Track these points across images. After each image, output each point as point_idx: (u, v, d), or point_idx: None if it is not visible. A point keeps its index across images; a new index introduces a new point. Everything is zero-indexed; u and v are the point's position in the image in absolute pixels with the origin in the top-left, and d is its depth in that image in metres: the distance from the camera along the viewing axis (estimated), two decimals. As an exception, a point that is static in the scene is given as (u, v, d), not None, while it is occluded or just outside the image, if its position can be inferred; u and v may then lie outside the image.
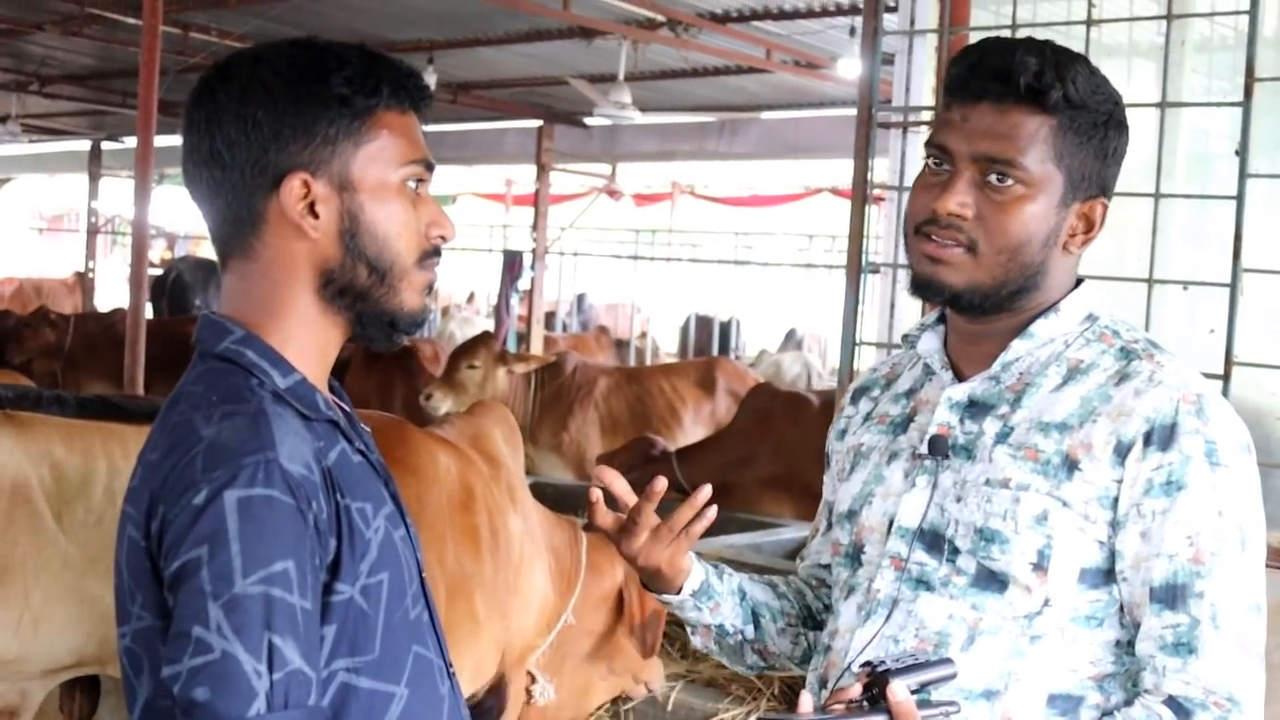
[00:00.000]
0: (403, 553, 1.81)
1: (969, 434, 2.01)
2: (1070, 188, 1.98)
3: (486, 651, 3.84)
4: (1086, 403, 1.95)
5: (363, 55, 1.81)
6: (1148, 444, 1.89)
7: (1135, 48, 5.00)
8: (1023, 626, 1.94)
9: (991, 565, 1.94)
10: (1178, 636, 1.86)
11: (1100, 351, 1.99)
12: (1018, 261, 1.97)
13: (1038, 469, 1.93)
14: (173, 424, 1.71)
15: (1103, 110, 1.97)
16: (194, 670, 1.55)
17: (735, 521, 8.07)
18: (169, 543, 1.61)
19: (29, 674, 3.91)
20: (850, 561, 2.12)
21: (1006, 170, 1.95)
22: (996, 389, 2.03)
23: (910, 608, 2.00)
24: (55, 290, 21.58)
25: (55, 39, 12.42)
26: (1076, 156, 1.97)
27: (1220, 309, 4.19)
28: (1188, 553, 1.87)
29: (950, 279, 1.99)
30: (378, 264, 1.78)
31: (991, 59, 1.98)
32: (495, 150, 17.17)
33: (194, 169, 1.80)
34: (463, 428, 4.22)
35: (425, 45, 11.74)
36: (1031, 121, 1.95)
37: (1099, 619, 1.94)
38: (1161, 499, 1.88)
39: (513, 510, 4.09)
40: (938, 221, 1.97)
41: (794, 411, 8.70)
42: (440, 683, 1.85)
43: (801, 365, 16.25)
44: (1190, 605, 1.86)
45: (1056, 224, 1.98)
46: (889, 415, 2.16)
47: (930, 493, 2.02)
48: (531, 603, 4.13)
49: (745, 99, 13.63)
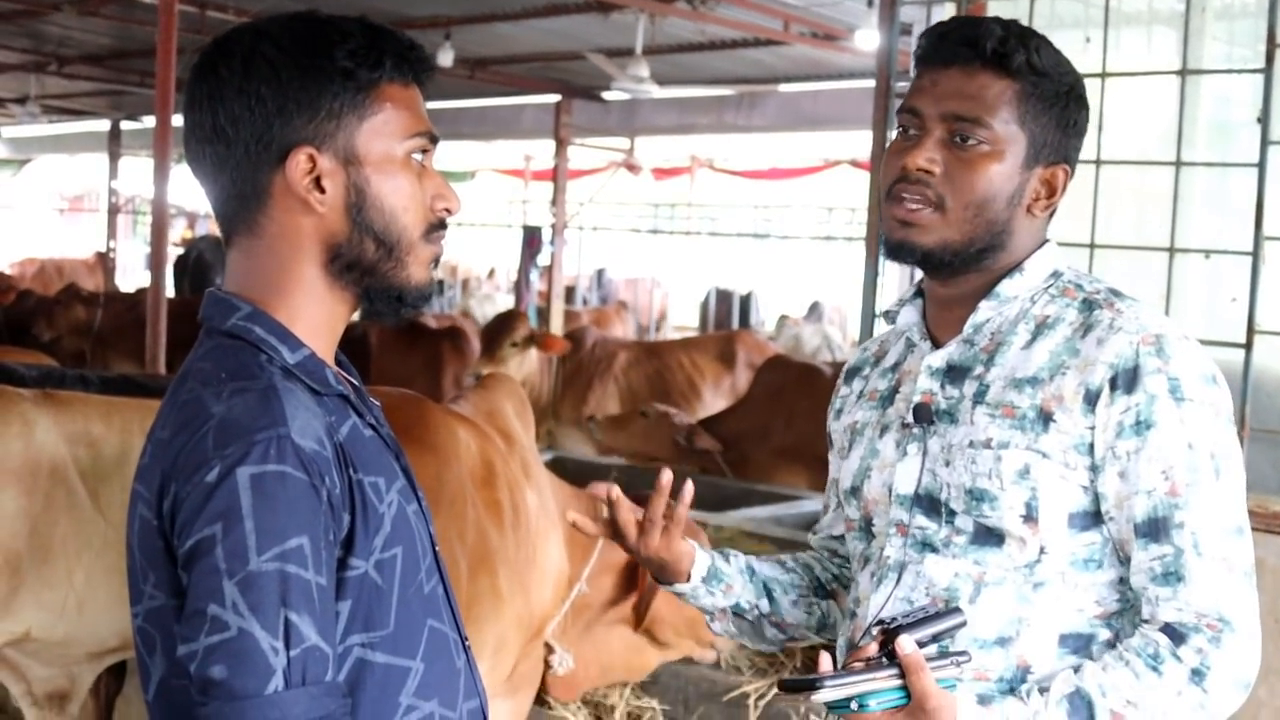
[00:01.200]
0: (416, 527, 1.81)
1: (950, 399, 2.10)
2: (1033, 151, 2.08)
3: (509, 626, 3.85)
4: (1055, 356, 2.03)
5: (365, 28, 1.79)
6: (1114, 389, 1.97)
7: (1155, 15, 4.96)
8: (1025, 575, 2.02)
9: (986, 522, 2.03)
10: (1165, 566, 1.95)
11: (1065, 305, 2.08)
12: (984, 218, 2.06)
13: (1015, 425, 2.01)
14: (182, 401, 1.70)
15: (1065, 81, 2.09)
16: (210, 648, 1.55)
17: (756, 494, 8.08)
18: (182, 521, 1.61)
19: (76, 656, 3.93)
20: (864, 534, 2.21)
21: (973, 128, 2.05)
22: (972, 351, 2.11)
23: (918, 569, 2.09)
24: (77, 270, 21.63)
25: (73, 19, 12.41)
26: (1039, 121, 2.07)
27: (1242, 277, 4.16)
28: (1164, 486, 1.95)
29: (921, 239, 2.07)
30: (385, 238, 1.78)
31: (960, 29, 2.11)
32: (513, 126, 17.13)
33: (197, 146, 1.79)
34: (477, 403, 4.23)
35: (442, 21, 11.70)
36: (997, 84, 2.06)
37: (1096, 560, 2.03)
38: (1133, 439, 1.96)
39: (527, 485, 4.10)
40: (907, 178, 2.07)
41: (808, 383, 8.72)
42: (456, 656, 1.85)
43: (821, 338, 16.23)
44: (1173, 536, 1.94)
45: (1020, 184, 2.08)
46: (878, 390, 2.25)
47: (921, 459, 2.10)
48: (548, 575, 4.14)
49: (763, 72, 13.56)
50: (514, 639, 3.90)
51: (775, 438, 8.74)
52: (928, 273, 2.16)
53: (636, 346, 11.88)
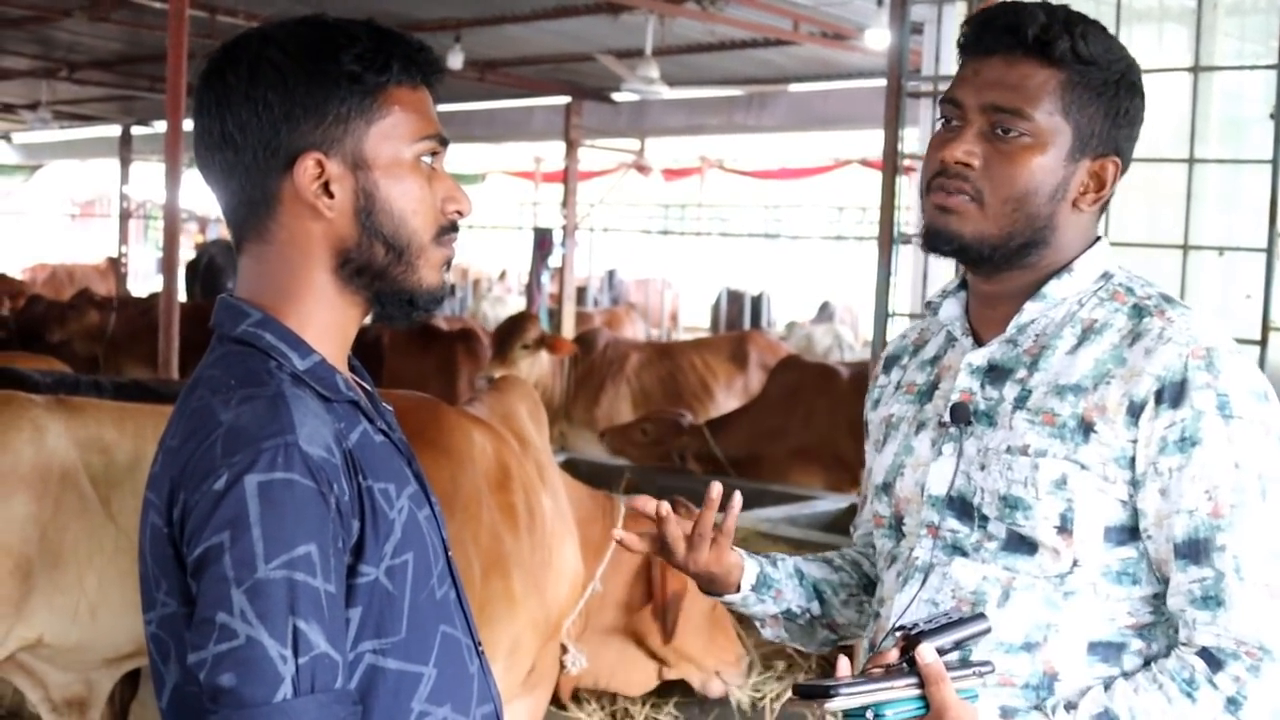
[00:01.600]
0: (427, 532, 1.80)
1: (989, 400, 2.03)
2: (1079, 143, 2.00)
3: (523, 628, 3.84)
4: (1100, 364, 1.96)
5: (372, 31, 1.78)
6: (1159, 402, 1.89)
7: (1167, 12, 4.94)
8: (1055, 584, 1.96)
9: (1019, 530, 1.96)
10: (1204, 590, 1.88)
11: (1113, 310, 2.00)
12: (1024, 212, 1.99)
13: (1055, 433, 1.95)
14: (192, 409, 1.70)
15: (1115, 69, 1.99)
16: (219, 656, 1.55)
17: (770, 494, 8.08)
18: (191, 529, 1.60)
19: (92, 663, 3.92)
20: (893, 533, 2.15)
21: (1014, 120, 1.98)
22: (1015, 352, 2.04)
23: (945, 570, 2.03)
24: (88, 275, 21.68)
25: (83, 25, 12.44)
26: (1085, 112, 1.99)
27: (1256, 274, 4.14)
28: (1206, 507, 1.88)
29: (958, 227, 2.01)
30: (394, 242, 1.76)
31: (1003, 15, 2.01)
32: (523, 128, 17.14)
33: (206, 153, 1.78)
34: (492, 406, 4.23)
35: (452, 24, 11.72)
36: (1040, 73, 1.98)
37: (1131, 574, 1.96)
38: (1177, 455, 1.89)
39: (542, 487, 4.10)
40: (946, 171, 2.00)
41: (823, 383, 8.72)
42: (469, 661, 1.84)
43: (833, 337, 16.23)
44: (1214, 558, 1.87)
45: (1064, 178, 2.00)
46: (916, 384, 2.17)
47: (956, 460, 2.04)
48: (564, 576, 4.14)
49: (773, 72, 13.56)
50: (529, 641, 3.90)
51: (791, 438, 8.75)
52: (968, 267, 2.09)
53: (649, 348, 11.88)
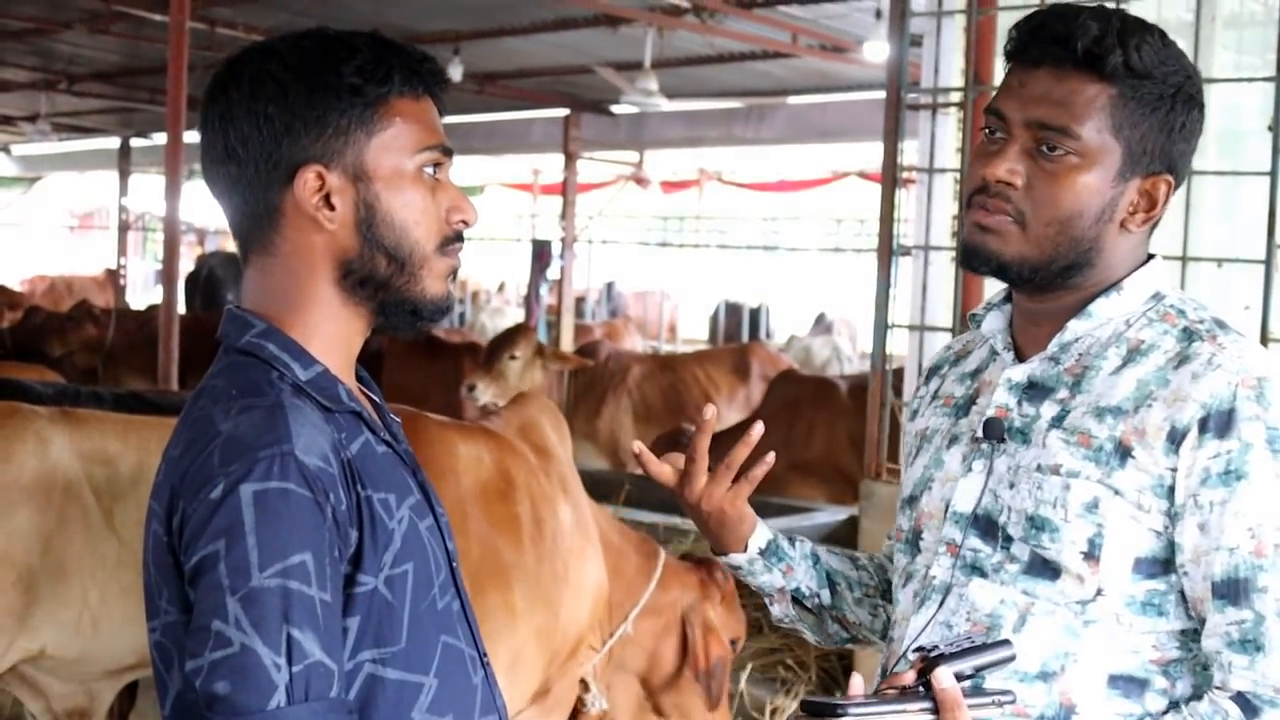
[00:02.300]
0: (429, 542, 1.80)
1: (1025, 417, 1.95)
2: (1130, 161, 1.90)
3: (526, 641, 3.82)
4: (1143, 386, 1.87)
5: (373, 43, 1.79)
6: (1204, 431, 1.80)
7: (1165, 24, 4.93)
8: (1076, 612, 1.89)
9: (1043, 553, 1.89)
10: (1243, 633, 1.79)
11: (1162, 332, 1.91)
12: (1068, 235, 1.90)
13: (1090, 455, 1.87)
14: (194, 418, 1.71)
15: (1171, 82, 1.88)
16: (214, 664, 1.56)
17: (770, 506, 8.07)
18: (188, 537, 1.61)
19: (94, 674, 3.92)
20: (910, 548, 2.08)
21: (1060, 138, 1.88)
22: (1055, 371, 1.96)
23: (963, 592, 1.96)
24: (87, 287, 21.65)
25: (83, 37, 12.47)
26: (1138, 129, 1.88)
27: (1255, 285, 4.16)
28: (1249, 545, 1.79)
29: (998, 247, 1.93)
30: (396, 252, 1.77)
31: (1053, 23, 1.90)
32: (522, 140, 17.16)
33: (211, 166, 1.80)
34: (509, 419, 4.23)
35: (451, 36, 11.74)
36: (1090, 88, 1.87)
37: (1157, 606, 1.88)
38: (1220, 489, 1.80)
39: (563, 500, 4.08)
40: (987, 189, 1.92)
41: (822, 396, 8.72)
42: (473, 672, 1.84)
43: (831, 349, 16.23)
44: (1254, 600, 1.78)
45: (1112, 199, 1.91)
46: (954, 396, 2.11)
47: (985, 478, 1.96)
48: (584, 592, 4.10)
49: (772, 84, 13.58)
50: (534, 654, 3.87)
51: (790, 452, 8.74)
52: (1007, 284, 2.01)
53: (651, 360, 11.89)
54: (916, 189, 5.30)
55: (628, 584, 4.43)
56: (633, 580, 4.44)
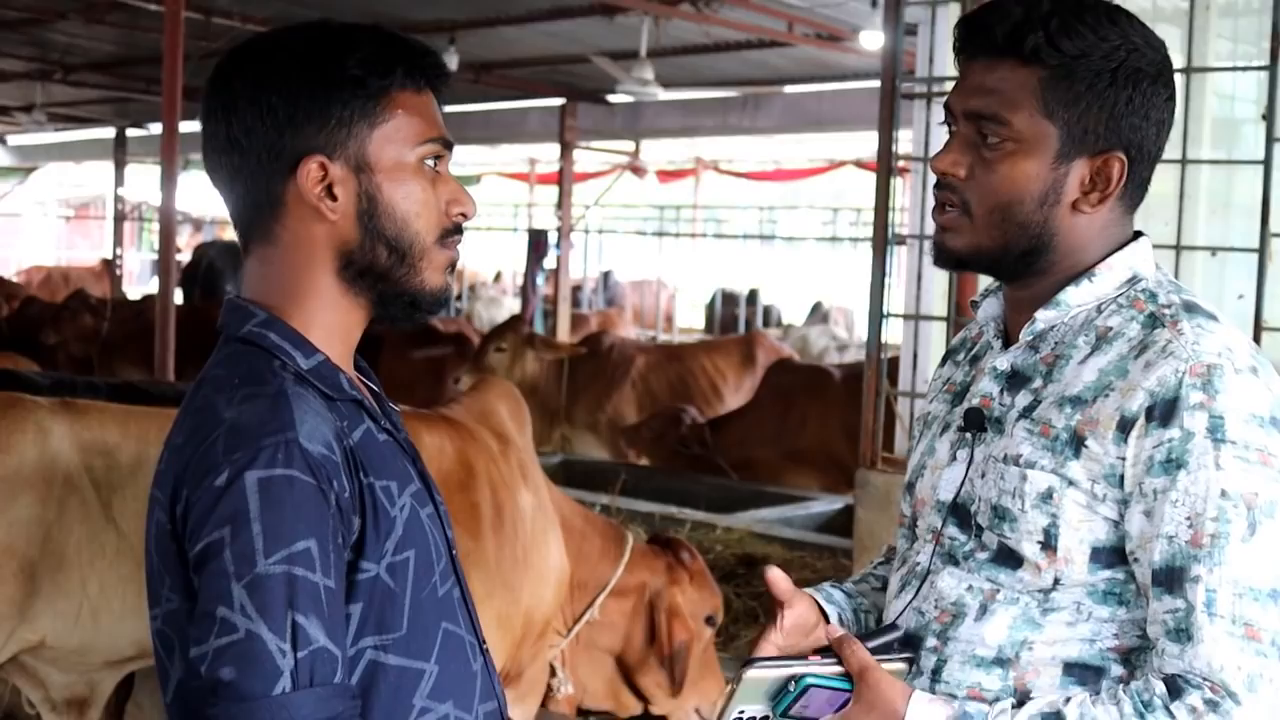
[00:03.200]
0: (430, 530, 1.81)
1: (1004, 406, 1.95)
2: (1070, 143, 1.88)
3: (487, 627, 3.85)
4: (1104, 376, 1.86)
5: (376, 36, 1.80)
6: (1150, 419, 1.79)
7: (1159, 13, 4.97)
8: (1038, 600, 1.89)
9: (1007, 542, 1.90)
10: (1176, 622, 1.78)
11: (1129, 318, 1.89)
12: (1013, 221, 1.91)
13: (1047, 445, 1.87)
14: (196, 407, 1.72)
15: (1111, 59, 1.85)
16: (219, 650, 1.57)
17: (766, 495, 8.10)
18: (192, 525, 1.63)
19: (94, 665, 3.93)
20: (909, 534, 2.10)
21: (993, 126, 1.89)
22: (1034, 360, 1.95)
23: (934, 580, 1.98)
24: (83, 277, 21.65)
25: (78, 26, 12.46)
26: (1074, 109, 1.87)
27: (1249, 274, 4.17)
28: (1186, 534, 1.77)
29: (954, 243, 1.95)
30: (397, 244, 1.78)
31: (981, 15, 1.92)
32: (519, 129, 17.17)
33: (213, 156, 1.81)
34: (469, 405, 4.23)
35: (447, 25, 11.73)
36: (1017, 74, 1.87)
37: (1118, 596, 1.88)
38: (1162, 477, 1.78)
39: (523, 486, 4.10)
40: (939, 183, 1.95)
41: (816, 385, 8.74)
42: (472, 659, 1.86)
43: (828, 339, 16.25)
44: (1186, 590, 1.77)
45: (1054, 181, 1.90)
46: (955, 383, 2.11)
47: (966, 467, 1.97)
48: (547, 576, 4.14)
49: (768, 73, 13.58)
50: (496, 640, 3.89)
51: (785, 440, 8.76)
52: (978, 274, 2.04)
53: (656, 351, 11.88)
54: (911, 178, 5.32)
55: (593, 567, 4.47)
56: (598, 564, 4.48)
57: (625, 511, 7.12)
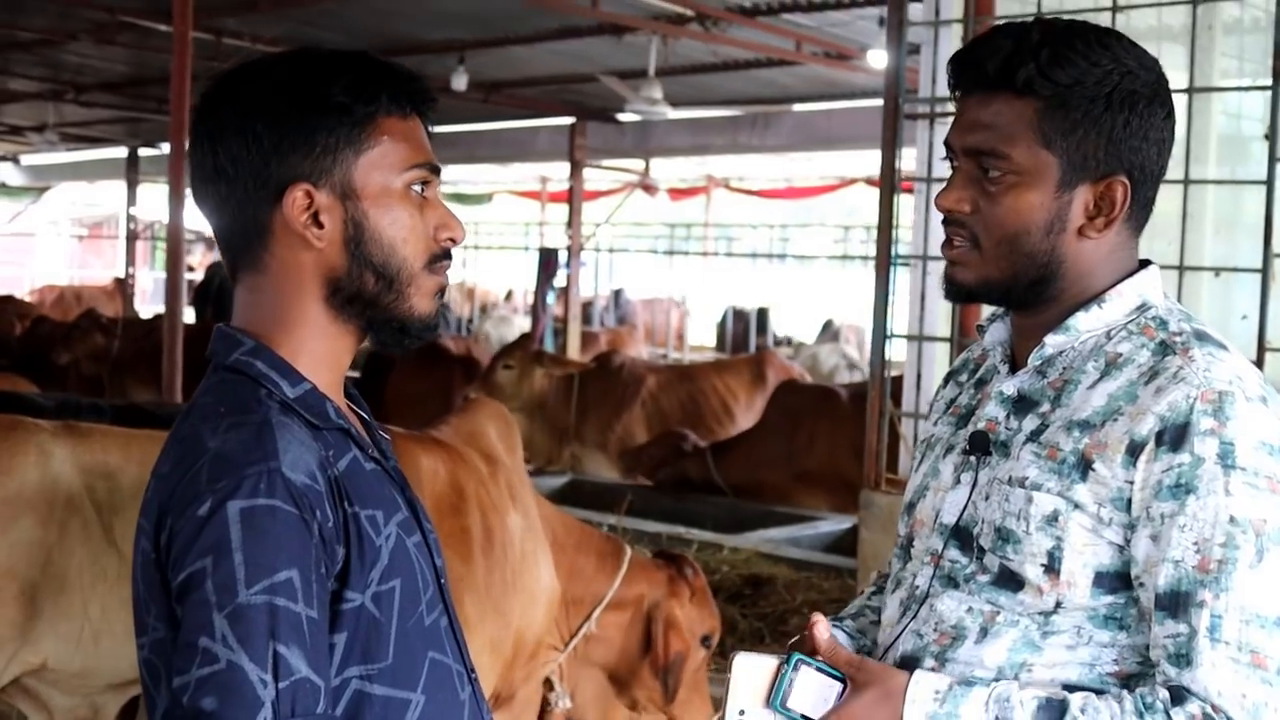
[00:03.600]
0: (417, 559, 1.80)
1: (1010, 430, 1.96)
2: (1071, 171, 1.89)
3: (479, 652, 3.83)
4: (1113, 400, 1.86)
5: (361, 62, 1.80)
6: (1159, 444, 1.80)
7: (1165, 31, 4.96)
8: (1038, 623, 1.89)
9: (1009, 565, 1.90)
10: (1177, 646, 1.78)
11: (1139, 345, 1.90)
12: (1020, 252, 1.92)
13: (1054, 468, 1.87)
14: (182, 436, 1.72)
15: (1104, 84, 1.85)
16: (201, 680, 1.56)
17: (775, 515, 8.09)
18: (175, 554, 1.62)
19: (96, 688, 3.93)
20: (903, 555, 2.10)
21: (994, 161, 1.90)
22: (1041, 384, 1.96)
23: (933, 603, 1.98)
24: (96, 297, 21.73)
25: (89, 47, 12.52)
26: (1072, 137, 1.87)
27: (1252, 295, 4.15)
28: (1193, 559, 1.77)
29: (963, 277, 1.97)
30: (384, 270, 1.78)
31: (973, 49, 1.94)
32: (529, 148, 17.20)
33: (200, 185, 1.81)
34: (458, 426, 4.23)
35: (456, 45, 11.76)
36: (1012, 107, 1.88)
37: (1119, 620, 1.88)
38: (1170, 502, 1.79)
39: (512, 508, 4.09)
40: (946, 219, 1.96)
41: (824, 405, 8.72)
42: (460, 688, 1.85)
43: (839, 357, 16.22)
44: (1190, 615, 1.77)
45: (1058, 210, 1.91)
46: (960, 406, 2.11)
47: (970, 490, 1.98)
48: (537, 596, 4.13)
49: (777, 91, 13.61)
50: (488, 665, 3.88)
51: (794, 462, 8.75)
52: (987, 305, 2.04)
53: (667, 370, 11.87)
54: (915, 198, 5.31)
55: (589, 582, 4.46)
56: (594, 578, 4.46)
57: (632, 532, 7.10)
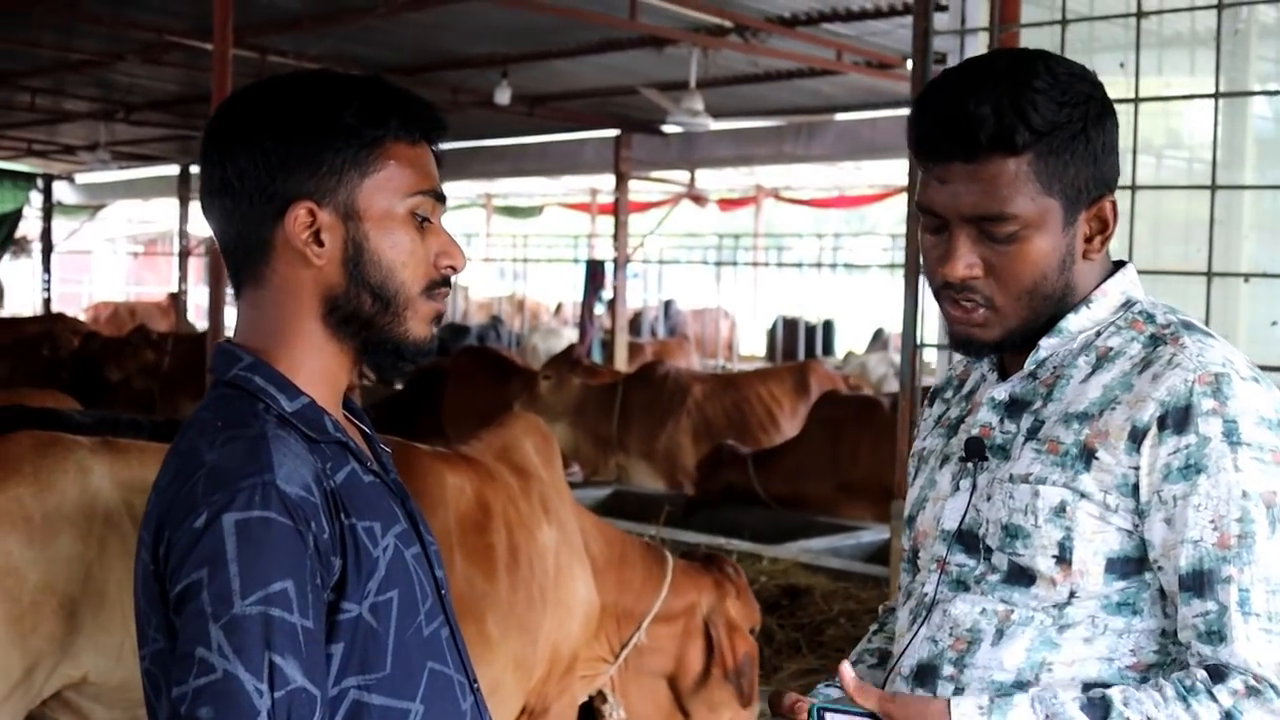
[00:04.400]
0: (416, 570, 1.83)
1: (1006, 434, 2.00)
2: (1070, 206, 1.94)
3: (503, 670, 3.83)
4: (1109, 391, 1.92)
5: (374, 87, 1.84)
6: (1163, 428, 1.84)
7: (1197, 36, 4.93)
8: (1053, 617, 1.92)
9: (1019, 561, 1.93)
10: (1208, 624, 1.82)
11: (1130, 339, 1.96)
12: (1040, 296, 1.96)
13: (1057, 461, 1.91)
14: (181, 450, 1.76)
15: (1076, 118, 1.91)
16: (198, 690, 1.60)
17: (816, 526, 8.08)
18: (172, 566, 1.66)
19: (137, 700, 3.96)
20: (911, 567, 2.14)
21: (1000, 224, 1.92)
22: (1033, 385, 2.01)
23: (946, 608, 2.01)
24: (150, 312, 21.95)
25: (138, 67, 12.65)
26: (1066, 176, 1.92)
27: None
28: (1212, 537, 1.82)
29: (984, 336, 1.99)
30: (381, 292, 1.81)
31: (947, 118, 1.92)
32: (575, 160, 17.24)
33: (208, 198, 1.85)
34: (490, 441, 4.23)
35: (499, 59, 11.82)
36: (1007, 167, 1.90)
37: (1132, 605, 1.92)
38: (1181, 484, 1.83)
39: (545, 522, 4.09)
40: (953, 287, 1.97)
41: (866, 416, 8.70)
42: (461, 698, 1.87)
43: (887, 366, 16.16)
44: (1218, 591, 1.81)
45: (1068, 245, 1.96)
46: (949, 418, 2.15)
47: (969, 495, 2.01)
48: (574, 611, 4.13)
49: (820, 101, 13.57)
50: (512, 681, 3.88)
51: (837, 473, 8.73)
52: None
53: (712, 379, 11.88)
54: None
55: (637, 593, 4.46)
56: (642, 589, 4.47)
57: (670, 542, 7.11)
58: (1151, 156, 4.81)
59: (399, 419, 9.89)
